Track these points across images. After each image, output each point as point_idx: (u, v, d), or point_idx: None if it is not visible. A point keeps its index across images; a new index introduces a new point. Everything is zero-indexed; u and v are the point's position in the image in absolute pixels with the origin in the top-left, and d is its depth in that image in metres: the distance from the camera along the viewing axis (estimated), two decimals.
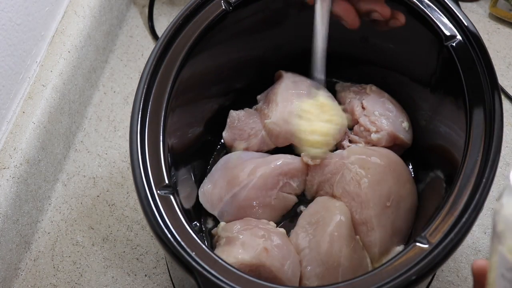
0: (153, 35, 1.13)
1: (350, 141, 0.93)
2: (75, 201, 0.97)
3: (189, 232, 0.72)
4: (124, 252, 0.93)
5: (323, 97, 0.87)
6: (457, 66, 0.79)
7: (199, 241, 0.72)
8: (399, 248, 0.84)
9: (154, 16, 1.15)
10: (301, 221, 0.86)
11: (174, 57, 0.81)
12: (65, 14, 1.02)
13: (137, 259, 0.92)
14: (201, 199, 0.89)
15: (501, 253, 0.49)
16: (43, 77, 0.96)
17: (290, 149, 0.93)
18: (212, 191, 0.88)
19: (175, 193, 0.75)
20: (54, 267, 0.92)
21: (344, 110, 0.95)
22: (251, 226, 0.84)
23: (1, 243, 0.87)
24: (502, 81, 1.05)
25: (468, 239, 0.93)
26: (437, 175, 0.86)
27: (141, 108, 0.78)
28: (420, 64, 0.88)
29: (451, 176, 0.77)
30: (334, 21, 0.91)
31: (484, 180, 0.72)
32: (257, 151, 0.93)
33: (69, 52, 0.99)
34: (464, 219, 0.70)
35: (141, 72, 0.80)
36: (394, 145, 0.92)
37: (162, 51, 0.81)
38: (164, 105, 0.79)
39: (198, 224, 0.89)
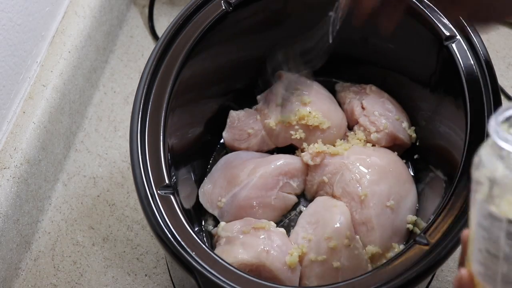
0: (153, 35, 1.13)
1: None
2: (75, 201, 0.97)
3: (189, 232, 0.72)
4: (124, 252, 0.93)
5: None
6: (456, 66, 0.79)
7: (199, 241, 0.72)
8: (399, 247, 0.85)
9: (154, 17, 1.15)
10: (301, 221, 0.86)
11: (174, 57, 0.81)
12: (66, 15, 1.02)
13: (137, 259, 0.93)
14: (201, 199, 0.89)
15: (477, 201, 0.50)
16: (43, 77, 0.96)
17: (290, 149, 0.93)
18: (212, 191, 0.88)
19: (175, 193, 0.75)
20: (54, 267, 0.92)
21: (344, 110, 0.95)
22: (251, 226, 0.84)
23: (1, 243, 0.87)
24: (502, 81, 1.05)
25: None
26: (437, 175, 0.86)
27: (141, 108, 0.78)
28: (419, 64, 0.88)
29: (450, 176, 0.77)
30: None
31: None
32: (257, 151, 0.93)
33: (69, 52, 0.99)
34: (463, 219, 0.71)
35: (141, 72, 0.80)
36: (394, 145, 0.92)
37: (162, 51, 0.81)
38: (164, 105, 0.79)
39: (198, 224, 0.89)
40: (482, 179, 0.50)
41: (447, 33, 0.81)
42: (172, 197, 0.74)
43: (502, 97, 1.01)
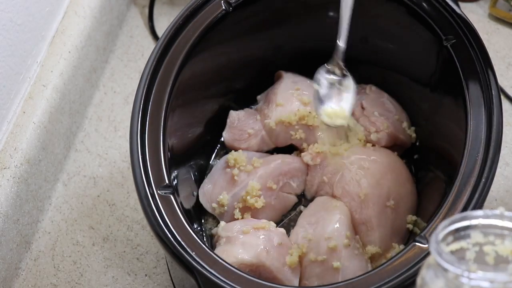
0: (153, 35, 1.13)
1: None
2: (75, 201, 0.97)
3: (189, 232, 0.72)
4: (124, 252, 0.93)
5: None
6: (456, 66, 0.79)
7: (199, 240, 0.72)
8: (399, 247, 0.85)
9: (154, 16, 1.15)
10: (301, 221, 0.86)
11: (174, 57, 0.82)
12: (66, 15, 1.02)
13: (138, 259, 0.93)
14: (201, 199, 0.89)
15: None
16: (43, 77, 0.96)
17: (290, 149, 0.93)
18: (212, 191, 0.89)
19: (175, 193, 0.75)
20: (54, 267, 0.92)
21: None
22: (251, 226, 0.84)
23: (1, 242, 0.87)
24: (502, 81, 1.05)
25: None
26: (437, 175, 0.87)
27: (141, 108, 0.78)
28: (419, 64, 0.89)
29: (451, 176, 0.77)
30: (333, 22, 0.92)
31: (483, 180, 0.73)
32: (257, 151, 0.93)
33: (69, 52, 0.99)
34: None
35: (141, 72, 0.80)
36: (394, 145, 0.92)
37: (162, 51, 0.81)
38: (165, 105, 0.79)
39: (198, 224, 0.89)
40: None
41: (447, 33, 0.81)
42: (172, 197, 0.74)
43: (502, 97, 1.01)
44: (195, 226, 0.87)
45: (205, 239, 0.88)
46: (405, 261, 0.70)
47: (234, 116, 0.94)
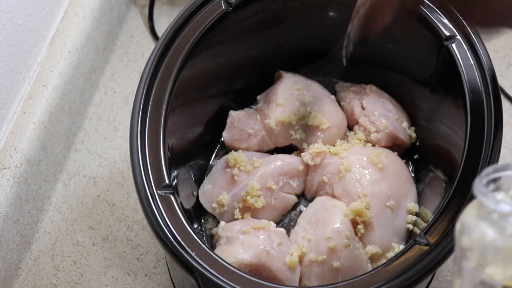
0: (153, 35, 1.13)
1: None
2: (75, 201, 0.97)
3: (189, 232, 0.72)
4: (124, 252, 0.93)
5: None
6: (456, 66, 0.79)
7: (199, 241, 0.72)
8: (399, 248, 0.85)
9: (154, 16, 1.15)
10: (301, 221, 0.86)
11: (174, 57, 0.82)
12: (66, 15, 1.02)
13: (137, 259, 0.93)
14: (201, 199, 0.89)
15: (466, 269, 0.48)
16: (43, 77, 0.96)
17: (290, 149, 0.93)
18: (212, 191, 0.89)
19: (175, 193, 0.75)
20: (54, 267, 0.92)
21: (344, 110, 0.95)
22: (251, 226, 0.84)
23: (1, 243, 0.87)
24: (502, 81, 1.05)
25: None
26: (437, 175, 0.86)
27: (141, 108, 0.78)
28: (420, 64, 0.88)
29: (450, 176, 0.77)
30: (333, 22, 0.92)
31: None
32: (257, 151, 0.93)
33: (69, 52, 0.99)
34: None
35: (141, 72, 0.80)
36: (393, 145, 0.92)
37: (162, 51, 0.81)
38: (165, 105, 0.79)
39: (198, 224, 0.89)
40: (472, 245, 0.48)
41: (447, 33, 0.81)
42: (172, 197, 0.74)
43: (502, 97, 1.01)
44: (195, 226, 0.87)
45: (205, 239, 0.88)
46: (405, 261, 0.70)
47: (234, 116, 0.94)
